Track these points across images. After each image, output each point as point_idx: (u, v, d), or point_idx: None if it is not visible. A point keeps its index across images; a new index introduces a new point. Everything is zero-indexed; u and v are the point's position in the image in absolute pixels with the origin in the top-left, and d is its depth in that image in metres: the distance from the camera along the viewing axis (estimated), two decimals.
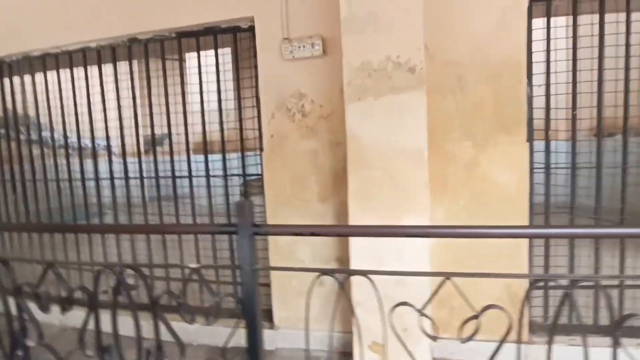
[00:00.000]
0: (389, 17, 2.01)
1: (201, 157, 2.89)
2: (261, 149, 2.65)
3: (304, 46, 2.41)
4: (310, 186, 2.54)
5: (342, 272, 1.29)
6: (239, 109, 2.74)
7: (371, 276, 1.14)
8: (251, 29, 2.61)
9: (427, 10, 2.04)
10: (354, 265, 2.15)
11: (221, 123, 2.86)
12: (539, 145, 2.34)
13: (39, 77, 3.27)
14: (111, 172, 3.13)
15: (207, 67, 2.81)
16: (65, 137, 3.29)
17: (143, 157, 3.03)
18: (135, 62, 3.02)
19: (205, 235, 2.80)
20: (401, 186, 2.09)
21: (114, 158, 3.14)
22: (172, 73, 2.92)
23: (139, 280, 1.37)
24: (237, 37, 2.69)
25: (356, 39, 2.06)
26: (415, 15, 1.99)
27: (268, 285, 2.72)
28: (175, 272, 3.03)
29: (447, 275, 1.11)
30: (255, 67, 2.64)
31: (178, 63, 2.92)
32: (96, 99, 3.10)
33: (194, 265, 1.36)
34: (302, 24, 2.44)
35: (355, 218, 2.15)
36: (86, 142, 3.24)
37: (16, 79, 3.35)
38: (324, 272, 1.23)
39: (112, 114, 3.06)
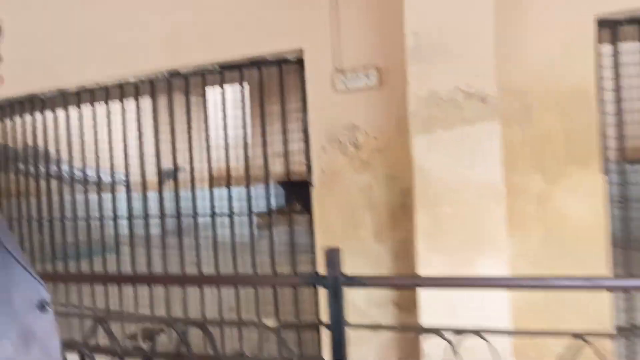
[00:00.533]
0: (458, 46, 1.91)
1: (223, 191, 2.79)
2: (310, 184, 2.51)
3: (358, 77, 2.31)
4: (365, 224, 2.38)
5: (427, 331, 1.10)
6: (285, 142, 2.62)
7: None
8: (299, 60, 2.53)
9: None
10: (424, 314, 1.95)
11: (246, 157, 2.75)
12: (616, 175, 2.18)
13: (72, 111, 3.19)
14: (146, 209, 2.98)
15: (233, 101, 2.74)
16: (98, 174, 3.18)
17: (164, 193, 2.91)
18: (167, 96, 2.94)
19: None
20: (475, 223, 1.92)
21: (137, 194, 3.01)
22: (197, 108, 2.85)
23: (205, 339, 1.19)
24: (282, 69, 2.60)
25: (423, 68, 1.96)
26: (486, 43, 1.89)
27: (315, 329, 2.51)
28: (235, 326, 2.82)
29: (530, 334, 0.93)
30: (303, 99, 2.55)
31: (202, 97, 2.84)
32: (132, 133, 3.00)
33: (271, 322, 1.18)
34: (354, 55, 2.36)
35: (424, 259, 1.97)
36: (119, 176, 3.12)
37: (49, 114, 3.28)
38: (427, 331, 1.05)
39: (149, 150, 2.95)
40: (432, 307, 1.94)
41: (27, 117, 3.34)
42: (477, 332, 1.05)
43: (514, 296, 2.04)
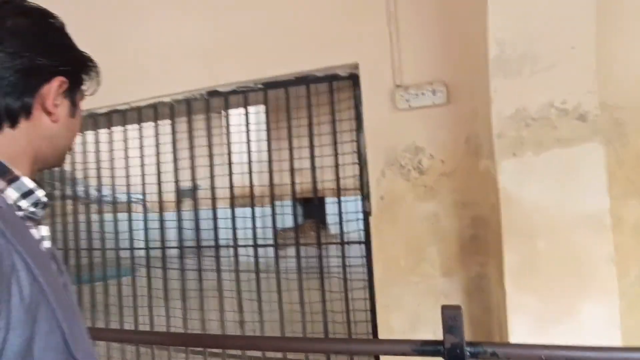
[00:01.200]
0: (550, 56, 1.67)
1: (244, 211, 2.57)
2: (368, 213, 2.26)
3: (422, 93, 2.08)
4: (431, 257, 2.11)
5: None
6: (336, 166, 2.38)
7: None
8: (352, 76, 2.32)
9: None
10: None
11: (271, 177, 2.53)
12: None
13: (103, 134, 3.02)
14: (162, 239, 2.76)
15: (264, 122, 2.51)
16: (129, 197, 2.97)
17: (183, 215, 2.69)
18: (205, 116, 2.74)
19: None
20: (575, 261, 1.64)
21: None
22: (233, 129, 2.64)
23: None
24: (333, 87, 2.39)
25: (509, 83, 1.72)
26: (584, 52, 1.64)
27: None
28: None
29: None
30: (357, 118, 2.32)
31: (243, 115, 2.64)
32: (166, 156, 2.80)
33: None
34: (416, 69, 2.13)
35: (513, 302, 1.69)
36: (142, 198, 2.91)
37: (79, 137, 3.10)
38: None
39: (185, 173, 2.74)
40: None
41: None
42: None
43: None
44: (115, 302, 2.93)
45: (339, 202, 2.39)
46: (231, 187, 2.61)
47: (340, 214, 2.40)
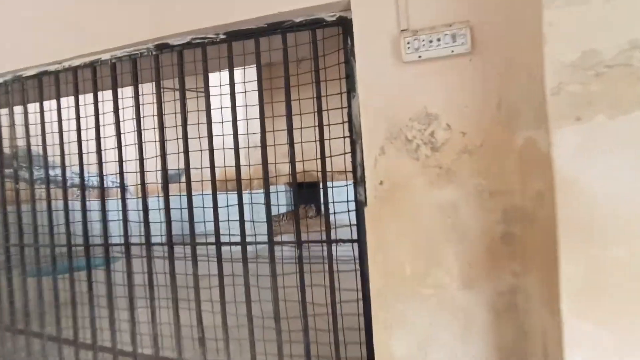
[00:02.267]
0: None
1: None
2: (362, 203, 1.72)
3: (438, 40, 1.52)
4: (446, 262, 1.57)
5: None
6: (321, 141, 1.82)
7: None
8: (342, 21, 1.74)
9: None
10: None
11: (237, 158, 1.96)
12: None
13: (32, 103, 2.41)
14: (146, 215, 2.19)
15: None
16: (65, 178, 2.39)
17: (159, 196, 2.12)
18: (155, 77, 2.15)
19: None
20: None
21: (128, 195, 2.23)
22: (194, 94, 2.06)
23: None
24: (317, 36, 1.81)
25: (572, 12, 1.16)
26: None
27: None
28: None
29: None
30: (348, 77, 1.75)
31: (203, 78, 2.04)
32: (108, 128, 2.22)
33: None
34: (428, 8, 1.56)
35: (573, 330, 1.17)
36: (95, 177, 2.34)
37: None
38: None
39: (130, 145, 2.17)
40: None
41: None
42: None
43: None
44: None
45: (324, 189, 1.83)
46: (167, 171, 2.04)
47: (326, 203, 1.86)
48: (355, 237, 1.76)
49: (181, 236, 2.14)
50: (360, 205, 1.74)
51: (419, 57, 1.55)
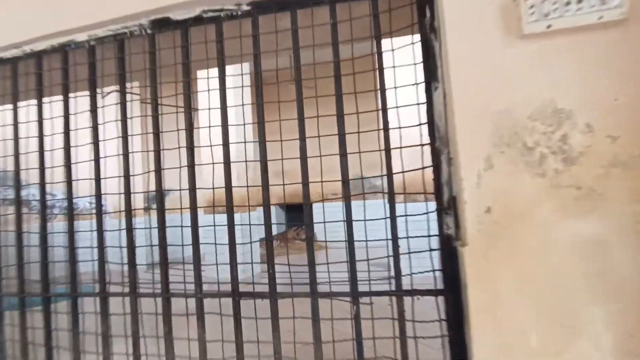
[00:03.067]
0: None
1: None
2: (452, 238, 1.19)
3: (579, 2, 1.04)
4: (593, 329, 1.06)
5: None
6: (387, 150, 1.30)
7: None
8: None
9: None
10: None
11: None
12: None
13: None
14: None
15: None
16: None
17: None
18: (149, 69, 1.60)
19: None
20: None
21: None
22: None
23: None
24: (378, 5, 1.32)
25: None
26: None
27: None
28: None
29: None
30: (427, 62, 1.26)
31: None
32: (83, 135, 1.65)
33: None
34: None
35: None
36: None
37: None
38: None
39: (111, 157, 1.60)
40: None
41: None
42: None
43: None
44: None
45: (392, 215, 1.30)
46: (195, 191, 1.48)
47: (395, 238, 1.32)
48: (441, 287, 1.23)
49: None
50: (447, 242, 1.22)
51: (548, 27, 1.07)
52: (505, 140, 1.12)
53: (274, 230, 9.93)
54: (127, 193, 1.52)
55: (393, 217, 1.28)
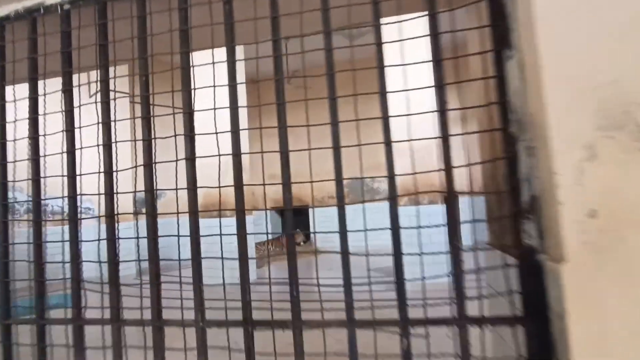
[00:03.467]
0: None
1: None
2: (531, 250, 0.91)
3: None
4: None
5: None
6: (445, 137, 1.02)
7: None
8: None
9: None
10: None
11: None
12: None
13: None
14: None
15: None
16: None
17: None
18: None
19: None
20: None
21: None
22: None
23: None
24: None
25: None
26: None
27: None
28: None
29: None
30: (497, 25, 0.98)
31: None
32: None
33: None
34: None
35: None
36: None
37: None
38: None
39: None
40: None
41: None
42: None
43: None
44: None
45: (452, 218, 1.02)
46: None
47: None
48: (517, 311, 0.95)
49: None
50: (527, 255, 0.94)
51: None
52: (614, 122, 0.85)
53: (269, 236, 9.59)
54: (110, 193, 1.21)
55: (455, 222, 1.00)
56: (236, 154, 1.09)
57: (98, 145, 1.19)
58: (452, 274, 0.99)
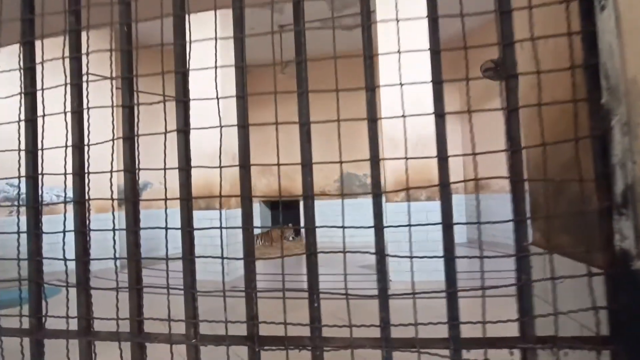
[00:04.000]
0: None
1: None
2: (625, 253, 0.71)
3: None
4: None
5: None
6: (510, 109, 0.80)
7: None
8: None
9: None
10: None
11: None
12: None
13: None
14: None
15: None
16: None
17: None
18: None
19: None
20: None
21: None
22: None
23: None
24: None
25: None
26: None
27: None
28: None
29: None
30: None
31: None
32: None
33: None
34: None
35: None
36: None
37: None
38: None
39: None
40: None
41: None
42: None
43: None
44: None
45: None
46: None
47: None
48: (603, 331, 0.74)
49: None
50: (620, 261, 0.73)
51: None
52: None
53: (258, 229, 9.34)
54: (79, 174, 0.96)
55: (522, 218, 0.78)
56: (243, 125, 0.85)
57: (66, 113, 0.94)
58: (519, 282, 0.77)
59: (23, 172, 0.99)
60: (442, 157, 0.83)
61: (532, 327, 0.78)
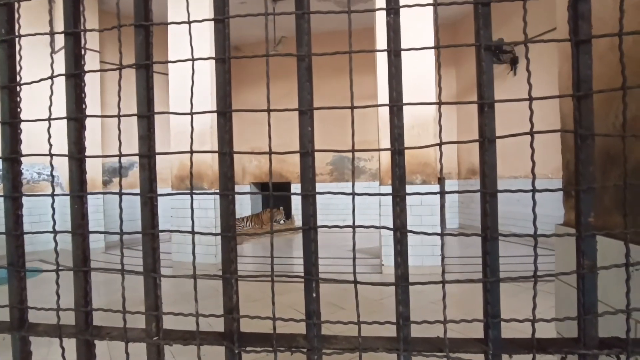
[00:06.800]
0: None
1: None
2: None
3: None
4: None
5: None
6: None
7: None
8: None
9: None
10: None
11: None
12: None
13: None
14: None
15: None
16: None
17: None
18: None
19: None
20: None
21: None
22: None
23: None
24: None
25: None
26: None
27: None
28: None
29: None
30: None
31: None
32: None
33: None
34: None
35: None
36: None
37: None
38: None
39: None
40: None
41: None
42: None
43: None
44: None
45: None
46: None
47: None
48: None
49: None
50: None
51: None
52: None
53: (248, 211, 9.13)
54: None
55: (588, 204, 0.60)
56: (223, 112, 0.64)
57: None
58: (582, 269, 0.59)
59: None
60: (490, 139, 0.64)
61: (594, 328, 0.60)
